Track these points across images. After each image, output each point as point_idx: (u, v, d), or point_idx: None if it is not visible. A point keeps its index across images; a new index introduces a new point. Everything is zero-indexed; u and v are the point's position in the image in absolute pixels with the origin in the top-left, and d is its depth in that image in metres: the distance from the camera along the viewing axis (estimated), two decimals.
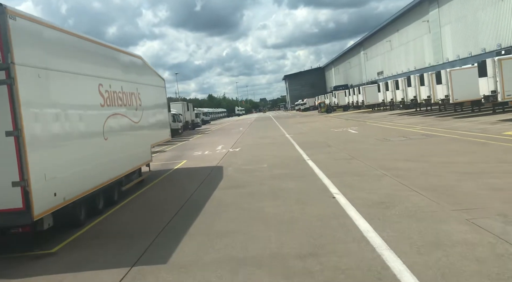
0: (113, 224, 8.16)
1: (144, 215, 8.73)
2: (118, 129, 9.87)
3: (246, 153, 18.16)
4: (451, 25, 47.24)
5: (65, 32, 7.95)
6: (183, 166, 15.70)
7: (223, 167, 14.20)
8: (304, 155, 15.39)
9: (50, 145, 6.80)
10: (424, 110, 36.50)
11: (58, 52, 7.53)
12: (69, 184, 7.18)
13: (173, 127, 35.41)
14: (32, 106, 6.34)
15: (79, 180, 7.63)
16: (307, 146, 18.20)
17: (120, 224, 8.17)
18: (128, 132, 10.63)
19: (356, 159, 13.00)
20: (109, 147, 9.09)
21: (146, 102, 12.46)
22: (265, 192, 9.43)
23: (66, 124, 7.43)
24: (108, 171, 8.96)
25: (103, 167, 8.73)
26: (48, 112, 6.89)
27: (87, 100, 8.45)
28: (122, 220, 8.47)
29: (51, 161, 6.73)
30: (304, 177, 10.80)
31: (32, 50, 6.62)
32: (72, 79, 7.79)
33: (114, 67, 10.28)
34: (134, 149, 10.96)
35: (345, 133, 23.90)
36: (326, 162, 13.10)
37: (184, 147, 25.39)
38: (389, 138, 18.51)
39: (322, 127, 31.89)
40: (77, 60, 8.19)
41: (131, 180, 11.01)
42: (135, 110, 11.32)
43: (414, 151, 13.75)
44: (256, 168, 13.28)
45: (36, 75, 6.52)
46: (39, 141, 6.50)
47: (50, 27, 7.33)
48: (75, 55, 8.15)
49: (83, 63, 8.48)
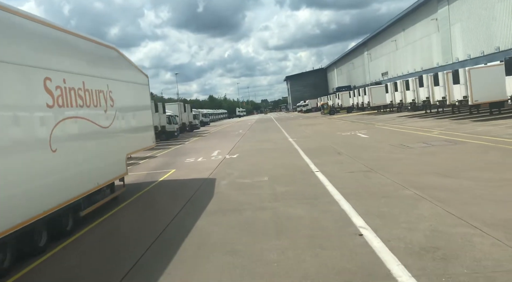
0: (52, 272, 5.89)
1: (93, 260, 6.27)
2: (75, 136, 7.63)
3: (244, 160, 15.90)
4: (462, 23, 44.95)
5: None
6: (170, 178, 13.43)
7: (215, 180, 11.94)
8: (312, 164, 13.13)
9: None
10: (435, 112, 34.21)
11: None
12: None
13: (168, 129, 33.32)
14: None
15: (8, 211, 5.40)
16: (314, 153, 15.93)
17: (62, 271, 5.90)
18: (92, 140, 8.39)
19: (375, 172, 10.75)
20: (58, 161, 6.84)
21: (122, 102, 10.22)
22: (266, 222, 7.14)
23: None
24: (56, 193, 6.72)
25: (48, 188, 6.49)
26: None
27: (24, 99, 6.20)
28: (65, 264, 6.17)
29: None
30: (315, 198, 8.53)
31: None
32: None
33: (71, 57, 8.04)
34: (101, 162, 8.72)
35: (354, 137, 21.62)
36: (339, 175, 10.84)
37: (178, 152, 23.12)
38: (406, 144, 16.24)
39: (327, 130, 29.62)
40: (5, 43, 5.93)
41: (97, 201, 8.76)
42: (103, 112, 9.08)
43: (444, 161, 11.46)
44: (254, 182, 11.02)
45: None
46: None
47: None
48: (4, 36, 5.90)
49: (18, 47, 6.23)
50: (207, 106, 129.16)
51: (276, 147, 20.22)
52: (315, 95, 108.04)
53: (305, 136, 25.15)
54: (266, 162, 14.74)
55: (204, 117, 70.52)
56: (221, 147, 22.59)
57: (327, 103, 66.65)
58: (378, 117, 39.77)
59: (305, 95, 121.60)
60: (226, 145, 23.69)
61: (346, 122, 37.84)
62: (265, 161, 15.04)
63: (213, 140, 30.26)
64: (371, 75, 79.18)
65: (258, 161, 15.23)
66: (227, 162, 16.03)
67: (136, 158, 20.31)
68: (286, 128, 36.11)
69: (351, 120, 39.90)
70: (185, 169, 15.06)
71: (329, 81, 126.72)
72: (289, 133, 29.40)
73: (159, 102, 32.73)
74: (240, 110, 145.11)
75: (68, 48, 8.05)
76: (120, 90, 10.14)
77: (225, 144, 24.67)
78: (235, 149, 20.82)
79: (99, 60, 9.36)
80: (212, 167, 14.66)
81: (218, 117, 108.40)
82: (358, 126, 30.17)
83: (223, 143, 26.32)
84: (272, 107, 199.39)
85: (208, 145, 26.13)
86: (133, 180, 13.30)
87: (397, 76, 62.87)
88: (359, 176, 10.52)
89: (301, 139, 23.05)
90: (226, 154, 18.88)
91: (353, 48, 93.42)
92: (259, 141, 24.88)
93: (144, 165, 17.83)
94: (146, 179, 13.40)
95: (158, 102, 32.44)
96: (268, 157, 16.24)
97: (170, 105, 39.20)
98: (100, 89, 9.00)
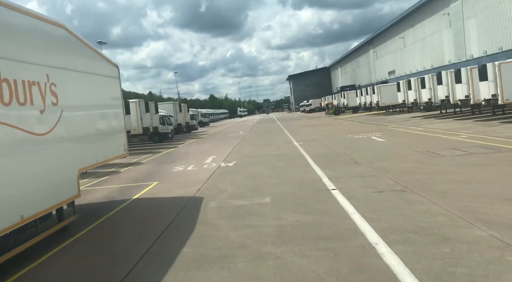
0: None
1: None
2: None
3: (241, 170, 13.22)
4: (477, 17, 42.14)
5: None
6: (147, 195, 10.74)
7: (203, 199, 9.27)
8: (325, 178, 10.46)
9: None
10: (452, 113, 31.43)
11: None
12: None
13: (161, 130, 30.68)
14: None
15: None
16: (326, 162, 13.26)
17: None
18: (15, 155, 5.73)
19: (412, 192, 8.07)
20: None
21: (73, 99, 7.58)
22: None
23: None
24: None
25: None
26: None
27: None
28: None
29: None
30: (340, 239, 5.83)
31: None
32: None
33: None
34: (31, 184, 6.04)
35: (369, 141, 18.91)
36: (365, 196, 8.16)
37: (168, 157, 20.44)
38: (435, 150, 13.56)
39: (336, 132, 26.90)
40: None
41: (23, 240, 6.06)
42: (38, 112, 6.41)
43: (502, 178, 8.75)
44: (252, 205, 8.34)
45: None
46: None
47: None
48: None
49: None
50: (208, 106, 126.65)
51: (279, 152, 17.53)
52: (318, 94, 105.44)
53: (311, 139, 22.45)
54: (267, 174, 12.07)
55: (203, 117, 67.74)
56: (217, 152, 19.92)
57: (332, 102, 63.89)
58: (388, 118, 37.02)
59: (308, 94, 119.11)
60: (223, 150, 21.02)
61: (354, 123, 35.13)
62: (267, 172, 12.36)
63: (209, 143, 27.59)
64: (377, 74, 76.38)
65: (258, 172, 12.55)
66: (221, 172, 13.36)
67: (117, 165, 17.64)
68: (290, 130, 33.40)
69: (359, 121, 37.19)
70: (169, 182, 12.38)
71: (332, 80, 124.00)
72: (293, 135, 26.69)
73: (150, 101, 30.05)
74: (241, 110, 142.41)
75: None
76: (70, 83, 7.48)
77: (222, 148, 22.00)
78: (232, 155, 18.14)
79: (34, 39, 6.68)
80: (202, 180, 12.00)
81: (219, 117, 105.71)
82: (369, 127, 27.44)
83: (220, 146, 23.65)
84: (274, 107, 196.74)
85: (204, 148, 23.45)
86: (101, 198, 10.66)
87: (405, 75, 60.11)
88: (393, 198, 7.83)
89: (308, 143, 20.36)
90: (221, 161, 16.21)
91: (358, 46, 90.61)
92: (260, 145, 22.19)
93: (124, 174, 15.17)
94: (117, 196, 10.73)
95: (149, 101, 29.79)
96: (270, 166, 13.56)
97: (164, 105, 36.52)
98: (34, 80, 6.34)
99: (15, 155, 5.74)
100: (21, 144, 5.92)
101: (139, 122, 27.23)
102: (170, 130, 32.28)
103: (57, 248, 6.70)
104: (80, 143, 7.78)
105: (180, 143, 29.20)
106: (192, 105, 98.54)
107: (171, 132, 32.63)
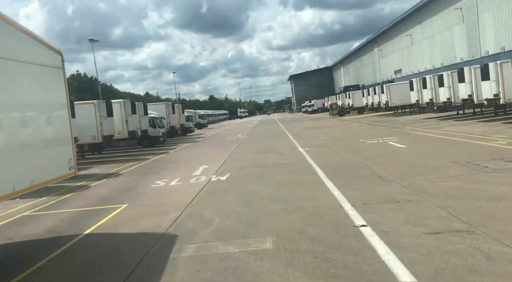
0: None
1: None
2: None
3: (235, 189, 10.46)
4: (493, 11, 39.35)
5: None
6: (104, 228, 7.92)
7: (177, 239, 6.52)
8: (346, 204, 7.70)
9: None
10: (471, 113, 28.61)
11: None
12: None
13: (151, 134, 27.96)
14: None
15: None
16: (341, 176, 10.52)
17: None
18: None
19: (487, 235, 5.34)
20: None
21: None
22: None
23: None
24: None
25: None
26: None
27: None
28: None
29: None
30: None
31: None
32: None
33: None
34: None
35: (387, 148, 16.15)
36: (416, 244, 5.39)
37: (152, 166, 17.69)
38: (476, 161, 10.82)
39: (344, 135, 24.14)
40: None
41: None
42: None
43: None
44: (246, 257, 5.57)
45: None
46: None
47: None
48: None
49: None
50: (208, 107, 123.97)
51: (282, 162, 14.77)
52: (321, 95, 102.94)
53: (319, 145, 19.68)
54: (268, 195, 9.31)
55: (201, 119, 64.88)
56: (211, 160, 17.18)
57: (336, 103, 61.12)
58: (399, 119, 34.22)
59: (310, 95, 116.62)
60: (217, 157, 18.28)
61: (362, 125, 32.38)
62: (267, 192, 9.61)
63: (204, 148, 24.83)
64: (382, 73, 73.61)
65: (256, 192, 9.79)
66: (210, 190, 10.61)
67: (90, 177, 14.89)
68: (293, 133, 30.63)
69: (368, 123, 34.42)
70: (141, 205, 9.61)
71: (335, 80, 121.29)
72: (297, 139, 23.90)
73: (138, 102, 27.27)
74: (241, 111, 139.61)
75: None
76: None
77: (216, 155, 19.27)
78: (227, 165, 15.39)
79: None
80: (185, 202, 9.25)
81: (218, 118, 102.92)
82: (382, 130, 24.66)
83: (214, 153, 20.91)
84: (275, 107, 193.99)
85: (196, 155, 20.71)
86: (43, 231, 7.90)
87: (413, 74, 57.36)
88: (461, 248, 5.06)
89: (315, 149, 17.61)
90: (213, 173, 13.46)
91: (361, 44, 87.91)
92: (260, 151, 19.41)
93: (92, 191, 12.40)
94: (65, 229, 7.96)
95: (137, 102, 27.02)
96: (272, 182, 10.81)
97: (155, 106, 33.72)
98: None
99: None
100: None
101: (124, 125, 24.44)
102: (162, 133, 29.49)
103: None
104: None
105: (172, 148, 26.43)
106: (191, 106, 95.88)
107: (163, 136, 29.84)
